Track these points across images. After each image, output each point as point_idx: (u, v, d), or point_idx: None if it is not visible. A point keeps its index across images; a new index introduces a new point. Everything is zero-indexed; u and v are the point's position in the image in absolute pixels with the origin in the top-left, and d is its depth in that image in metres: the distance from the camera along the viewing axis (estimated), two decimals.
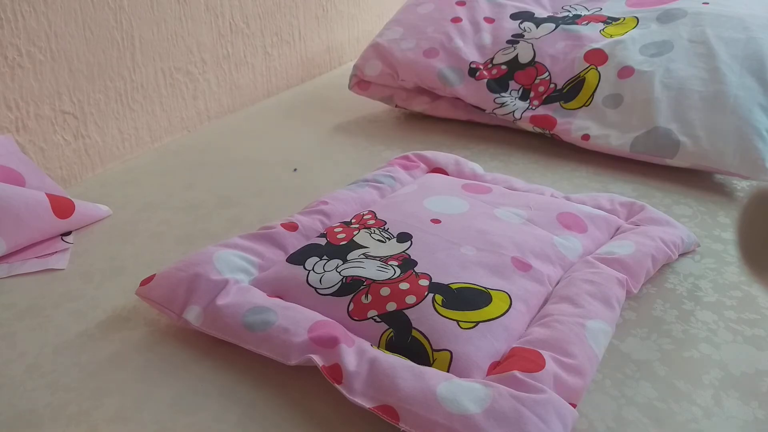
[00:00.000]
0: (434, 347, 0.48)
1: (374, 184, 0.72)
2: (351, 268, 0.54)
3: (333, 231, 0.61)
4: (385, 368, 0.45)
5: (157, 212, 0.74)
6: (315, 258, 0.56)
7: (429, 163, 0.78)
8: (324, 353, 0.47)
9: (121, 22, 0.85)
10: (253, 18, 1.09)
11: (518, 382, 0.44)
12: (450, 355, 0.47)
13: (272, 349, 0.49)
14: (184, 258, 0.56)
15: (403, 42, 0.99)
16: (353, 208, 0.67)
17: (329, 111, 1.06)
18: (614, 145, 0.83)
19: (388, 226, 0.60)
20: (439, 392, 0.43)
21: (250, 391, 0.48)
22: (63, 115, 0.80)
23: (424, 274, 0.53)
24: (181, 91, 0.97)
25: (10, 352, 0.52)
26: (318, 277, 0.54)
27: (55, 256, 0.65)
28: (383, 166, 0.77)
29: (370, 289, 0.52)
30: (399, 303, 0.50)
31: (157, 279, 0.55)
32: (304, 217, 0.64)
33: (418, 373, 0.45)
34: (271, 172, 0.84)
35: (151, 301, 0.54)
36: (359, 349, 0.47)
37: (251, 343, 0.49)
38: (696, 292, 0.59)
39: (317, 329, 0.49)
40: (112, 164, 0.88)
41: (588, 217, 0.64)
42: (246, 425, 0.45)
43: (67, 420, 0.45)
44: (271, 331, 0.49)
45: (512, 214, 0.62)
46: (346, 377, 0.45)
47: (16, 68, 0.74)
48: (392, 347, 0.49)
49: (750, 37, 0.85)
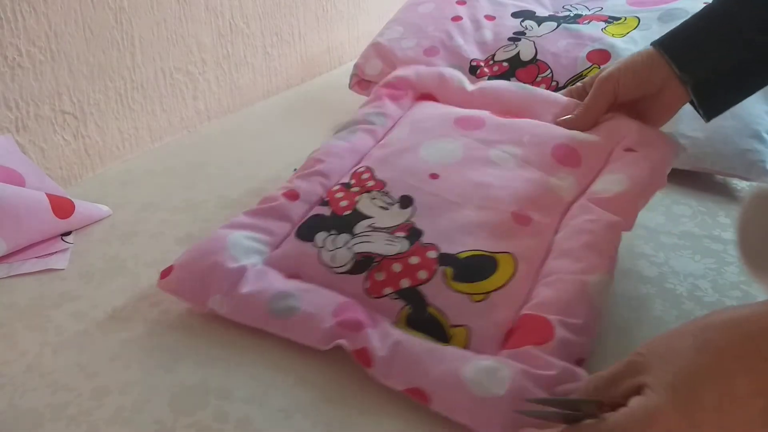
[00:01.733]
0: (451, 323, 0.51)
1: (366, 126, 0.71)
2: (360, 243, 0.56)
3: (334, 197, 0.61)
4: (410, 351, 0.48)
5: (157, 212, 0.74)
6: (323, 233, 0.57)
7: (416, 88, 0.76)
8: (351, 337, 0.49)
9: (121, 23, 0.85)
10: (253, 18, 1.09)
11: (533, 358, 0.46)
12: (466, 331, 0.50)
13: (300, 334, 0.51)
14: (199, 245, 0.57)
15: (403, 41, 0.99)
16: (349, 162, 0.67)
17: (329, 111, 1.06)
18: None
19: (387, 188, 0.61)
20: (464, 375, 0.45)
21: (251, 391, 0.48)
22: (63, 115, 0.80)
23: (431, 245, 0.55)
24: (181, 91, 0.97)
25: (10, 352, 0.52)
26: (330, 254, 0.56)
27: (55, 256, 0.65)
28: (371, 98, 0.76)
29: (381, 265, 0.54)
30: (412, 279, 0.53)
31: (176, 271, 0.56)
32: (303, 182, 0.64)
33: (440, 356, 0.47)
34: (271, 172, 0.84)
35: (172, 292, 0.55)
36: (383, 332, 0.49)
37: (278, 329, 0.52)
38: (696, 292, 0.59)
39: (341, 313, 0.51)
40: (112, 164, 0.88)
41: (581, 145, 0.63)
42: (246, 425, 0.45)
43: (67, 420, 0.45)
44: (297, 318, 0.51)
45: (507, 155, 0.63)
46: (376, 361, 0.47)
47: (16, 68, 0.74)
48: (411, 323, 0.51)
49: None
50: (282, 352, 0.52)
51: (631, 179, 0.59)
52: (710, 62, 0.59)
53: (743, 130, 0.77)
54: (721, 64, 0.58)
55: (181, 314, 0.56)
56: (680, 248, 0.67)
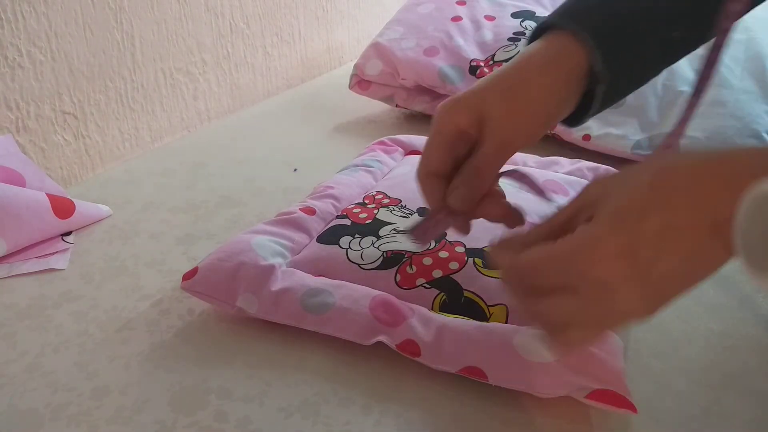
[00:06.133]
0: (488, 303, 0.51)
1: (365, 168, 0.73)
2: (387, 242, 0.56)
3: (352, 212, 0.62)
4: (457, 333, 0.48)
5: (157, 212, 0.74)
6: (348, 237, 0.58)
7: (405, 147, 0.80)
8: (391, 332, 0.49)
9: (122, 23, 0.85)
10: (253, 18, 1.09)
11: None
12: (506, 308, 0.51)
13: (338, 329, 0.50)
14: (222, 248, 0.57)
15: (403, 41, 0.99)
16: (357, 192, 0.68)
17: (329, 111, 1.06)
18: (615, 146, 0.83)
19: (404, 203, 0.62)
20: (516, 344, 0.46)
21: (251, 391, 0.48)
22: (63, 116, 0.80)
23: (457, 242, 0.56)
24: (181, 92, 0.97)
25: (10, 352, 0.52)
26: (358, 253, 0.56)
27: (55, 256, 0.65)
28: (364, 152, 0.79)
29: (412, 260, 0.55)
30: (444, 270, 0.54)
31: (201, 272, 0.55)
32: (316, 202, 0.65)
33: (488, 332, 0.48)
34: (271, 172, 0.84)
35: (199, 293, 0.55)
36: (423, 319, 0.50)
37: (314, 325, 0.51)
38: (695, 292, 0.59)
39: (377, 307, 0.51)
40: (112, 164, 0.88)
41: (567, 183, 0.69)
42: (246, 425, 0.45)
43: (67, 420, 0.45)
44: (332, 312, 0.51)
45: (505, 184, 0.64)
46: (424, 348, 0.48)
47: (17, 68, 0.74)
48: (447, 309, 0.51)
49: (751, 37, 0.85)
50: (282, 351, 0.52)
51: None
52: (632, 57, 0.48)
53: (743, 130, 0.77)
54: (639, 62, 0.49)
55: (181, 314, 0.56)
56: None
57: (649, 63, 0.50)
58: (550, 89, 0.46)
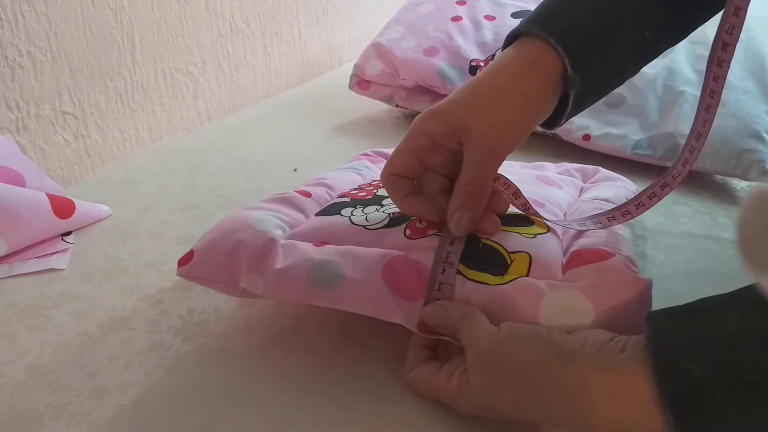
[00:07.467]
0: (509, 250, 0.48)
1: (354, 170, 0.71)
2: (393, 207, 0.53)
3: (350, 193, 0.61)
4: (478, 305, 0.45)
5: (157, 212, 0.74)
6: (349, 208, 0.55)
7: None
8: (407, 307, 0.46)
9: (122, 23, 0.85)
10: (253, 18, 1.09)
11: (607, 270, 0.46)
12: (529, 256, 0.48)
13: (351, 304, 0.47)
14: (217, 227, 0.54)
15: (403, 41, 0.99)
16: (349, 186, 0.67)
17: (329, 111, 1.06)
18: (615, 146, 0.83)
19: None
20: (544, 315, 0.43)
21: (251, 392, 0.48)
22: (63, 116, 0.80)
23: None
24: (181, 92, 0.97)
25: (10, 352, 0.52)
26: (362, 217, 0.53)
27: (55, 256, 0.65)
28: (350, 161, 0.77)
29: (419, 219, 0.51)
30: None
31: (198, 254, 0.52)
32: (311, 188, 0.63)
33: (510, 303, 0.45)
34: (271, 172, 0.84)
35: (197, 278, 0.51)
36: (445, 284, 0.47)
37: (326, 301, 0.47)
38: (696, 292, 0.59)
39: (391, 277, 0.47)
40: (112, 164, 0.88)
41: (559, 179, 0.68)
42: (247, 425, 0.45)
43: (67, 420, 0.45)
44: (344, 286, 0.47)
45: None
46: None
47: (17, 68, 0.74)
48: (464, 256, 0.47)
49: (750, 37, 0.85)
50: (282, 351, 0.52)
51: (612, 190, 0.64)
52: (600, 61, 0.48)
53: (743, 130, 0.77)
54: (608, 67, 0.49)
55: (181, 314, 0.56)
56: (680, 248, 0.67)
57: (623, 63, 0.50)
58: (528, 96, 0.46)
